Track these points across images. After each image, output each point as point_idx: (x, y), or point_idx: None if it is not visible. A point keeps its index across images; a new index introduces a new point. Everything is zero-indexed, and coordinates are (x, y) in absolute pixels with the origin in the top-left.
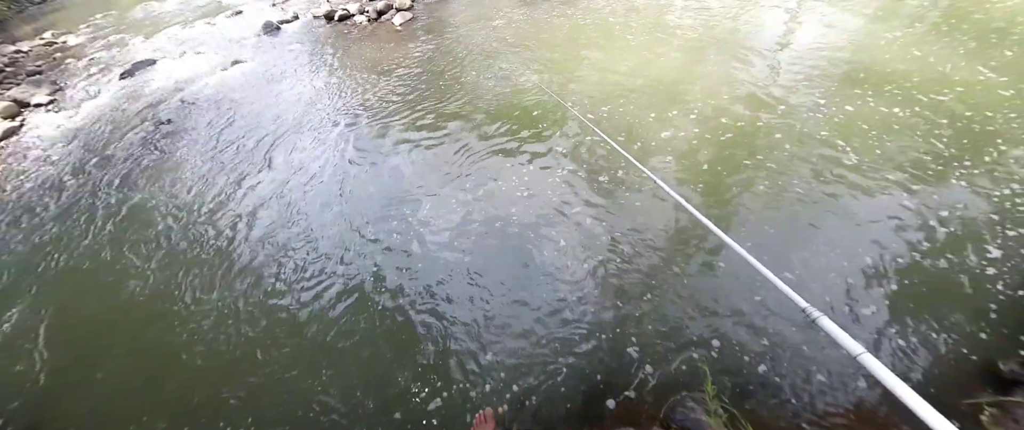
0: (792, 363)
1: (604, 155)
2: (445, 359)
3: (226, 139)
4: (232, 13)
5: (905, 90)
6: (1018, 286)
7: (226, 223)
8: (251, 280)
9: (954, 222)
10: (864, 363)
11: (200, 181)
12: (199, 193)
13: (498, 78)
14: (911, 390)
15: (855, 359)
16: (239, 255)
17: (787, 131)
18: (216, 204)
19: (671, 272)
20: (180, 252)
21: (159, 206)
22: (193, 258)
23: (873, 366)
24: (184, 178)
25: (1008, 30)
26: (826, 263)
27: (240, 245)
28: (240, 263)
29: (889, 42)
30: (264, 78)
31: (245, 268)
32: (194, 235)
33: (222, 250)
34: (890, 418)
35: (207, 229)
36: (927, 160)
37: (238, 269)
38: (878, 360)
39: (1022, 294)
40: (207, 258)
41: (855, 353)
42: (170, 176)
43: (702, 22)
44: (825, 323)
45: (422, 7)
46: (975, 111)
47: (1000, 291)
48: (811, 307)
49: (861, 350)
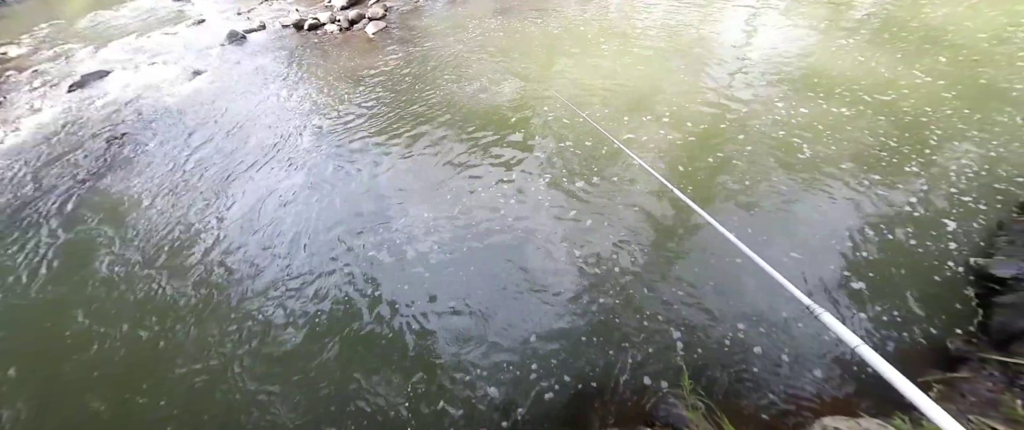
0: (764, 355)
1: (577, 159)
2: (430, 369)
3: (187, 155)
4: (194, 22)
5: (853, 92)
6: (960, 263)
7: (189, 251)
8: (221, 320)
9: (898, 207)
10: (861, 353)
11: (159, 202)
12: (158, 215)
13: (476, 86)
14: (905, 378)
15: (854, 350)
16: (204, 289)
17: (749, 131)
18: (177, 227)
19: (651, 272)
20: (133, 288)
21: (110, 233)
22: (149, 296)
23: (870, 356)
24: (140, 200)
25: (940, 38)
26: (782, 250)
27: (205, 276)
28: (207, 299)
29: (837, 50)
30: (229, 90)
31: (213, 305)
32: (151, 264)
33: (185, 285)
34: (855, 401)
35: (167, 256)
36: (873, 152)
37: (205, 307)
38: (874, 351)
39: (962, 272)
40: (167, 295)
41: (853, 344)
42: (123, 198)
43: (669, 32)
44: (826, 318)
45: (396, 16)
46: (913, 108)
47: (947, 269)
48: (814, 304)
49: (858, 342)
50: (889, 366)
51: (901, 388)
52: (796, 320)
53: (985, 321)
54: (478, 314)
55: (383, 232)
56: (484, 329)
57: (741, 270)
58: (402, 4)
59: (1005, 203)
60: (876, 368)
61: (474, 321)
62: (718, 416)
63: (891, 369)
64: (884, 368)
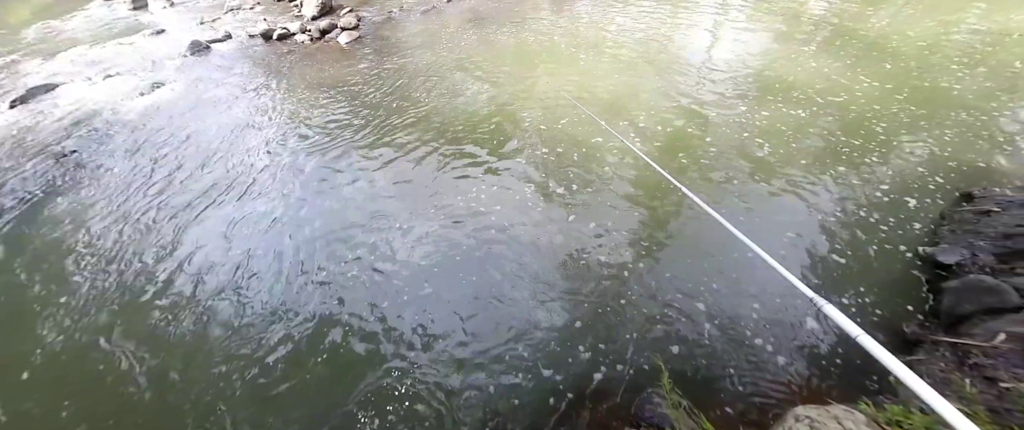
0: (738, 351)
1: (555, 169)
2: (416, 381)
3: (146, 172)
4: (152, 32)
5: (808, 95)
6: (910, 252)
7: (151, 278)
8: (186, 353)
9: (853, 202)
10: (862, 343)
11: (113, 223)
12: (112, 239)
13: (452, 95)
14: (905, 367)
15: (854, 339)
16: (170, 324)
17: (716, 134)
18: (130, 257)
19: (631, 275)
20: (79, 331)
21: (59, 259)
22: (94, 340)
23: (870, 346)
24: (92, 221)
25: (883, 45)
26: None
27: (169, 308)
28: (173, 335)
29: (792, 57)
30: (192, 102)
31: (179, 340)
32: (107, 292)
33: (139, 325)
34: (825, 389)
35: (125, 285)
36: (828, 151)
37: (171, 345)
38: (875, 341)
39: (911, 259)
40: (117, 341)
41: (854, 334)
42: (73, 219)
43: (637, 43)
44: (829, 310)
45: (369, 26)
46: (861, 108)
47: (900, 258)
48: (817, 296)
49: (859, 331)
50: (890, 355)
51: (902, 376)
52: (770, 317)
53: (935, 306)
54: (464, 318)
55: (364, 251)
56: (470, 332)
57: (719, 269)
58: (375, 15)
59: (947, 194)
60: (877, 357)
61: (459, 325)
62: (696, 414)
63: (892, 358)
64: (885, 357)
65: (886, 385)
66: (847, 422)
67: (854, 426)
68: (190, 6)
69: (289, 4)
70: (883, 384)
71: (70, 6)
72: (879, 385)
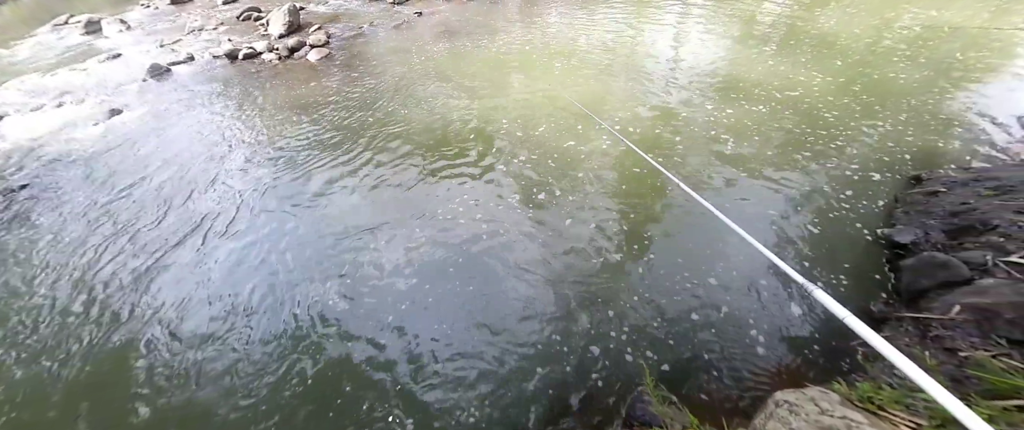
0: (717, 345)
1: (534, 175)
2: (404, 391)
3: (106, 204)
4: (108, 57)
5: (768, 91)
6: (871, 229)
7: (115, 321)
8: (155, 397)
9: (817, 190)
10: (850, 325)
11: (73, 261)
12: (72, 279)
13: (427, 109)
14: (892, 347)
15: (842, 321)
16: (138, 368)
17: (685, 132)
18: (96, 294)
19: (613, 276)
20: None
21: (7, 305)
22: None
23: (858, 327)
24: (48, 259)
25: (834, 43)
26: (718, 230)
27: (137, 352)
28: (141, 381)
29: (752, 57)
30: (153, 128)
31: (145, 379)
32: (63, 343)
33: (108, 373)
34: (802, 373)
35: (81, 338)
36: (789, 141)
37: (138, 388)
38: (863, 322)
39: (871, 239)
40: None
41: (842, 317)
42: (27, 259)
43: (606, 50)
44: (818, 294)
45: (339, 43)
46: (815, 102)
47: (863, 240)
48: (806, 281)
49: (846, 314)
50: (876, 335)
51: (891, 357)
52: (747, 309)
53: (896, 283)
54: (451, 330)
55: (341, 282)
56: (460, 341)
57: (699, 263)
58: (345, 31)
59: (900, 178)
60: (864, 337)
61: (447, 338)
62: (680, 408)
63: (878, 337)
64: (871, 337)
65: (857, 364)
66: (823, 403)
67: (829, 406)
68: (149, 29)
69: (254, 23)
70: (854, 363)
71: (16, 33)
72: (850, 364)
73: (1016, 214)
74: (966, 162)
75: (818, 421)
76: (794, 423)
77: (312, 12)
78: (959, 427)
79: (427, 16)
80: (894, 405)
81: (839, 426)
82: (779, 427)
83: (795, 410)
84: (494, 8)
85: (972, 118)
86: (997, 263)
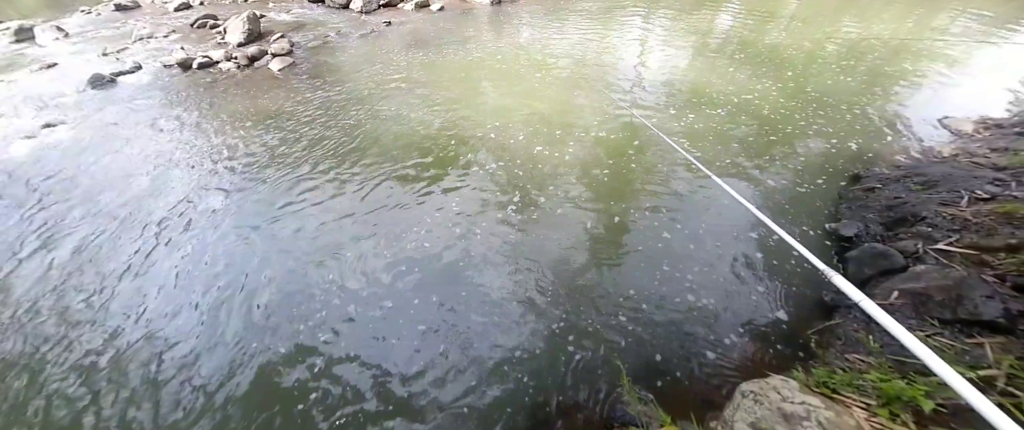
0: (689, 342)
1: (507, 180)
2: (384, 405)
3: (36, 229)
4: (41, 67)
5: (725, 97)
6: (820, 224)
7: (57, 362)
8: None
9: (771, 187)
10: (865, 307)
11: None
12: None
13: (395, 121)
14: (903, 328)
15: (857, 304)
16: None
17: (651, 139)
18: (31, 331)
19: (588, 279)
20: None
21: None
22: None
23: (872, 310)
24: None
25: (781, 54)
26: (683, 239)
27: (80, 395)
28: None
29: (708, 67)
30: (93, 142)
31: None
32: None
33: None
34: (765, 363)
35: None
36: (744, 144)
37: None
38: (876, 306)
39: (821, 233)
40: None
41: (857, 300)
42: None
43: (574, 61)
44: (837, 280)
45: (304, 52)
46: (768, 107)
47: (814, 233)
48: (826, 268)
49: (862, 297)
50: (892, 320)
51: (903, 339)
52: (714, 305)
53: (844, 273)
54: (426, 343)
55: (315, 306)
56: (437, 355)
57: (663, 266)
58: (310, 39)
59: (843, 176)
60: (878, 320)
61: (422, 344)
62: (656, 406)
63: (892, 321)
64: (886, 320)
65: (812, 352)
66: (784, 391)
67: (790, 393)
68: (89, 36)
69: (210, 31)
70: (808, 351)
71: None
72: (806, 353)
73: (941, 206)
74: (897, 160)
75: (781, 408)
76: (759, 412)
77: (273, 20)
78: (903, 403)
79: (396, 26)
80: (847, 388)
81: (799, 411)
82: (746, 417)
83: (759, 400)
84: (464, 19)
85: (901, 120)
86: (927, 251)
